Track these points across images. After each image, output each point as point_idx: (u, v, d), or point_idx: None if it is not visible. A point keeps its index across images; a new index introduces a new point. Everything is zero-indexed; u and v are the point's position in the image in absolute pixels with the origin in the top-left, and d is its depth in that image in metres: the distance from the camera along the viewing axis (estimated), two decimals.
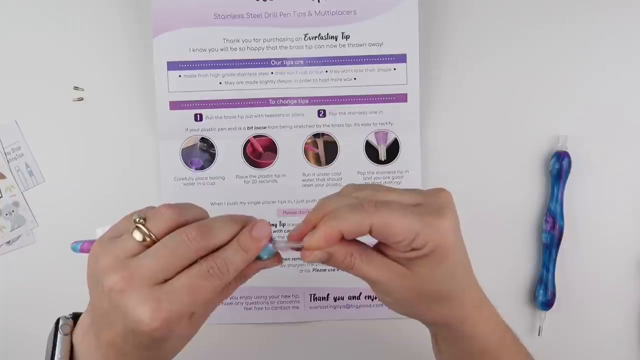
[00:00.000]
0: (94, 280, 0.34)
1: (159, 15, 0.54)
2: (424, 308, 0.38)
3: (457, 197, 0.56)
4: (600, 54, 0.56)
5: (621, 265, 0.57)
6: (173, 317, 0.32)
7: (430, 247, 0.35)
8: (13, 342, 0.57)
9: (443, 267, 0.36)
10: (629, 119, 0.56)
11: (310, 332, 0.57)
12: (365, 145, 0.56)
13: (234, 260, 0.34)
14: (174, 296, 0.32)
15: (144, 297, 0.32)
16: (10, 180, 0.56)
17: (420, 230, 0.34)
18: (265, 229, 0.35)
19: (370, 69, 0.55)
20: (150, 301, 0.32)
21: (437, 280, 0.36)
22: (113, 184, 0.57)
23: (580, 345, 0.57)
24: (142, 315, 0.31)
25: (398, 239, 0.34)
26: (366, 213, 0.34)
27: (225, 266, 0.34)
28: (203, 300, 0.33)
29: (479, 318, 0.39)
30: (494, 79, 0.57)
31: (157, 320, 0.32)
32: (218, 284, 0.34)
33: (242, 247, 0.35)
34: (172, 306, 0.32)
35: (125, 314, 0.32)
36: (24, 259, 0.57)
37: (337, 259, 0.36)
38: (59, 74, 0.56)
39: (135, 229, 0.34)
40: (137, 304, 0.32)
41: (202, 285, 0.33)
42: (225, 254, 0.34)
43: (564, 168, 0.55)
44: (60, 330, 0.36)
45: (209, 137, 0.56)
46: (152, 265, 0.32)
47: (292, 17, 0.55)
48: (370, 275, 0.36)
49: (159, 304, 0.32)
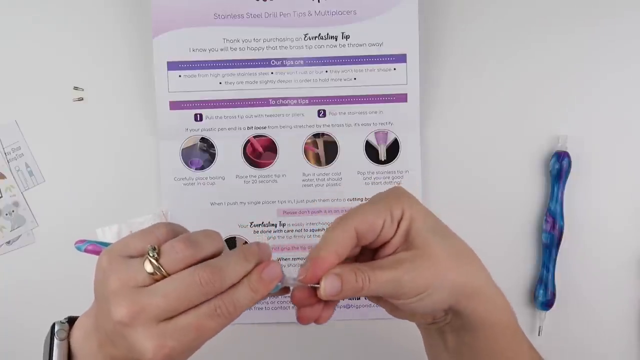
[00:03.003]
0: (101, 297, 0.34)
1: (159, 15, 0.54)
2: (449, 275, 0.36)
3: (457, 197, 0.57)
4: (601, 54, 0.56)
5: (621, 265, 0.57)
6: (175, 353, 0.33)
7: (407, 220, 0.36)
8: (13, 342, 0.57)
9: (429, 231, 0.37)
10: (629, 119, 0.56)
11: (311, 332, 0.57)
12: (365, 145, 0.56)
13: (242, 301, 0.34)
14: (179, 334, 0.32)
15: (149, 333, 0.32)
16: (10, 180, 0.56)
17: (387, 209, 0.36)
18: (276, 270, 0.35)
19: (370, 69, 0.55)
20: (155, 338, 0.32)
21: (431, 241, 0.36)
22: (113, 184, 0.57)
23: (580, 345, 0.57)
24: (145, 350, 0.32)
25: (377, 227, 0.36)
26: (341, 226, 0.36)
27: (232, 306, 0.34)
28: (207, 338, 0.34)
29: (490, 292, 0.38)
30: (494, 78, 0.57)
31: (160, 356, 0.32)
32: (224, 323, 0.34)
33: (251, 289, 0.34)
34: (176, 343, 0.32)
35: (130, 346, 0.33)
36: (24, 259, 0.57)
37: (348, 277, 0.35)
38: (59, 74, 0.56)
39: (147, 260, 0.33)
40: (142, 339, 0.32)
41: (208, 324, 0.33)
42: (235, 294, 0.34)
43: (564, 168, 0.55)
44: (57, 335, 0.36)
45: (209, 137, 0.56)
46: (160, 304, 0.32)
47: (292, 17, 0.55)
48: (386, 275, 0.35)
49: (164, 340, 0.32)
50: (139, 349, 0.32)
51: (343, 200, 0.56)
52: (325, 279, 0.35)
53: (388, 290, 0.36)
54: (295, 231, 0.56)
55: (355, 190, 0.56)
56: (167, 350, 0.32)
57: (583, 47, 0.56)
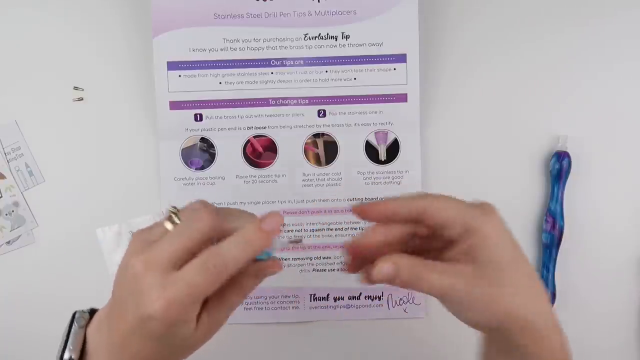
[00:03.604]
0: (121, 268, 0.36)
1: (159, 15, 0.54)
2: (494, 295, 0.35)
3: (457, 197, 0.57)
4: (601, 53, 0.56)
5: (621, 265, 0.57)
6: (173, 304, 0.33)
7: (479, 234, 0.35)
8: (13, 342, 0.57)
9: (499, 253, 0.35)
10: (629, 119, 0.56)
11: (310, 332, 0.57)
12: (365, 145, 0.56)
13: (231, 256, 0.34)
14: (177, 284, 0.33)
15: (155, 280, 0.33)
16: (10, 180, 0.56)
17: (469, 215, 0.35)
18: (276, 220, 0.35)
19: (370, 69, 0.55)
20: (159, 285, 0.33)
21: (497, 263, 0.35)
22: (113, 184, 0.57)
23: (580, 344, 0.57)
24: (150, 298, 0.33)
25: (449, 222, 0.35)
26: (419, 198, 0.36)
27: (220, 260, 0.34)
28: (202, 292, 0.34)
29: (546, 330, 0.37)
30: (494, 78, 0.57)
31: (160, 304, 0.33)
32: (213, 280, 0.34)
33: (243, 241, 0.35)
34: (173, 293, 0.33)
35: (140, 297, 0.33)
36: (23, 259, 0.57)
37: (403, 269, 0.35)
38: (59, 74, 0.56)
39: (167, 220, 0.36)
40: (149, 287, 0.33)
41: (198, 278, 0.33)
42: (223, 247, 0.34)
43: (564, 168, 0.55)
44: (76, 322, 0.37)
45: (209, 137, 0.56)
46: (164, 250, 0.34)
47: (292, 17, 0.55)
48: (441, 281, 0.35)
49: (164, 289, 0.33)
50: (144, 300, 0.33)
51: (343, 200, 0.56)
52: (382, 263, 0.35)
53: (437, 295, 0.36)
54: (295, 231, 0.56)
55: (355, 190, 0.56)
56: (166, 300, 0.33)
57: (583, 47, 0.56)
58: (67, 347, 0.36)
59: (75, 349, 0.36)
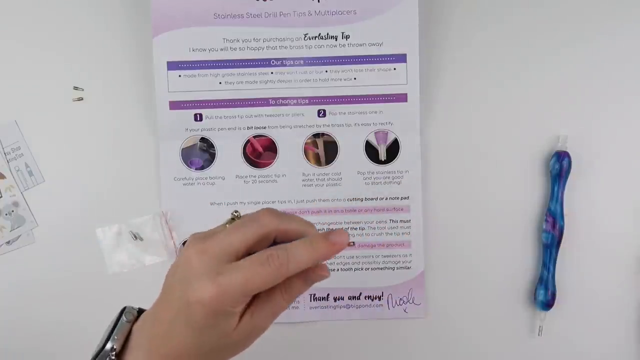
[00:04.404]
0: (176, 261, 0.36)
1: (159, 15, 0.54)
2: None
3: (457, 197, 0.57)
4: (601, 53, 0.56)
5: (621, 265, 0.57)
6: (225, 293, 0.33)
7: None
8: (13, 342, 0.57)
9: None
10: (629, 119, 0.56)
11: (310, 332, 0.57)
12: (365, 145, 0.56)
13: (297, 254, 0.35)
14: (233, 273, 0.33)
15: (208, 268, 0.33)
16: (10, 180, 0.56)
17: None
18: (345, 237, 0.36)
19: (370, 69, 0.55)
20: (213, 272, 0.33)
21: None
22: (113, 184, 0.57)
23: (580, 345, 0.57)
24: (201, 283, 0.33)
25: None
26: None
27: (285, 256, 0.34)
28: (257, 285, 0.34)
29: None
30: (494, 78, 0.57)
31: (211, 291, 0.33)
32: (273, 274, 0.34)
33: (312, 245, 0.35)
34: (227, 281, 0.33)
35: (189, 283, 0.33)
36: (23, 259, 0.57)
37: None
38: (59, 74, 0.56)
39: (230, 219, 0.37)
40: (201, 273, 0.33)
41: (257, 270, 0.34)
42: (292, 246, 0.35)
43: (564, 168, 0.55)
44: (124, 316, 0.37)
45: (209, 137, 0.56)
46: (223, 240, 0.34)
47: (292, 17, 0.55)
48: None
49: (218, 276, 0.33)
50: (196, 286, 0.33)
51: (343, 200, 0.56)
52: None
53: None
54: None
55: (355, 190, 0.56)
56: (219, 287, 0.33)
57: (583, 46, 0.56)
58: (111, 337, 0.36)
59: (119, 340, 0.36)
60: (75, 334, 0.56)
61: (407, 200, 0.56)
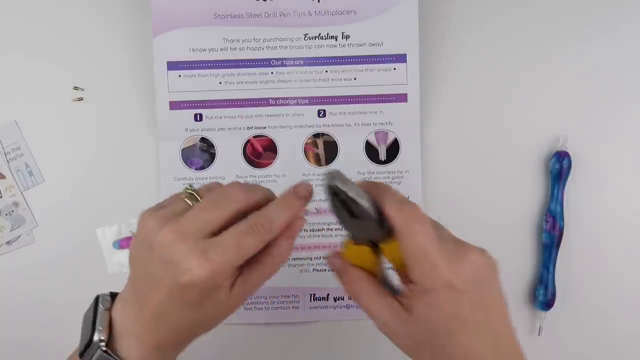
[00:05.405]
0: (140, 246, 0.36)
1: (159, 15, 0.54)
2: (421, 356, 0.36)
3: (457, 197, 0.57)
4: (601, 53, 0.56)
5: (621, 265, 0.57)
6: (218, 268, 0.33)
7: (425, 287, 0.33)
8: (13, 342, 0.57)
9: (437, 315, 0.34)
10: (629, 119, 0.56)
11: (310, 332, 0.57)
12: (365, 145, 0.56)
13: (277, 216, 0.36)
14: (220, 248, 0.34)
15: (192, 247, 0.33)
16: (10, 180, 0.56)
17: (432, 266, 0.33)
18: (309, 187, 0.38)
19: (370, 69, 0.55)
20: (199, 251, 0.33)
21: (432, 328, 0.34)
22: (113, 184, 0.57)
23: (580, 345, 0.57)
24: (190, 264, 0.33)
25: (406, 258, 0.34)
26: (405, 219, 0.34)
27: (268, 222, 0.35)
28: (247, 255, 0.35)
29: None
30: (494, 78, 0.57)
31: (204, 269, 0.33)
32: (261, 239, 0.35)
33: (285, 204, 0.37)
34: (218, 257, 0.33)
35: (176, 266, 0.33)
36: (23, 259, 0.57)
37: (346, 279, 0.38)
38: (59, 74, 0.56)
39: (187, 194, 0.37)
40: (186, 253, 0.33)
41: (246, 239, 0.34)
42: (269, 210, 0.36)
43: (564, 168, 0.55)
44: (101, 304, 0.37)
45: (209, 137, 0.56)
46: (199, 218, 0.34)
47: (292, 17, 0.55)
48: (370, 309, 0.36)
49: (206, 254, 0.33)
50: (185, 265, 0.33)
51: None
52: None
53: None
54: None
55: None
56: (210, 263, 0.33)
57: (583, 46, 0.56)
58: (95, 329, 0.36)
59: (104, 330, 0.36)
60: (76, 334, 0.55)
61: None
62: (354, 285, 0.37)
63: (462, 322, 0.34)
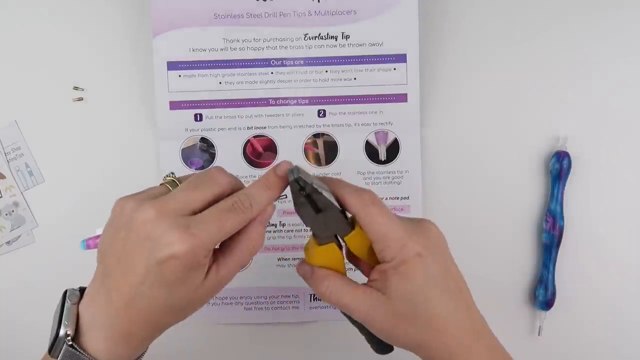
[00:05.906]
0: (116, 229, 0.35)
1: (159, 15, 0.54)
2: (401, 333, 0.37)
3: (457, 197, 0.57)
4: (601, 53, 0.56)
5: (621, 265, 0.57)
6: (200, 243, 0.33)
7: (397, 261, 0.36)
8: (13, 342, 0.57)
9: (412, 285, 0.36)
10: (629, 119, 0.56)
11: (310, 332, 0.57)
12: (365, 145, 0.56)
13: (257, 195, 0.37)
14: (202, 224, 0.34)
15: (174, 222, 0.33)
16: (10, 180, 0.56)
17: (400, 240, 0.36)
18: (286, 165, 0.38)
19: (370, 69, 0.55)
20: (181, 225, 0.33)
21: (408, 299, 0.36)
22: (113, 184, 0.56)
23: (580, 345, 0.57)
24: (172, 238, 0.33)
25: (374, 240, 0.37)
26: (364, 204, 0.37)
27: (248, 201, 0.36)
28: (228, 232, 0.35)
29: (470, 353, 0.37)
30: (493, 78, 0.57)
31: (186, 243, 0.33)
32: (243, 217, 0.36)
33: (266, 184, 0.38)
34: (200, 232, 0.33)
35: (155, 241, 0.33)
36: (23, 259, 0.57)
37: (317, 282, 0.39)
38: (59, 74, 0.56)
39: (168, 181, 0.37)
40: (168, 228, 0.33)
41: (227, 217, 0.35)
42: (250, 189, 0.37)
43: (564, 168, 0.55)
44: (68, 299, 0.37)
45: (209, 137, 0.56)
46: (181, 197, 0.35)
47: (292, 17, 0.55)
48: (349, 305, 0.38)
49: (188, 228, 0.33)
50: (166, 241, 0.33)
51: None
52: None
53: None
54: (295, 231, 0.56)
55: None
56: (192, 239, 0.33)
57: (583, 46, 0.56)
58: (62, 323, 0.35)
59: (71, 325, 0.35)
60: None
61: (407, 200, 0.56)
62: (327, 286, 0.38)
63: (435, 288, 0.36)
